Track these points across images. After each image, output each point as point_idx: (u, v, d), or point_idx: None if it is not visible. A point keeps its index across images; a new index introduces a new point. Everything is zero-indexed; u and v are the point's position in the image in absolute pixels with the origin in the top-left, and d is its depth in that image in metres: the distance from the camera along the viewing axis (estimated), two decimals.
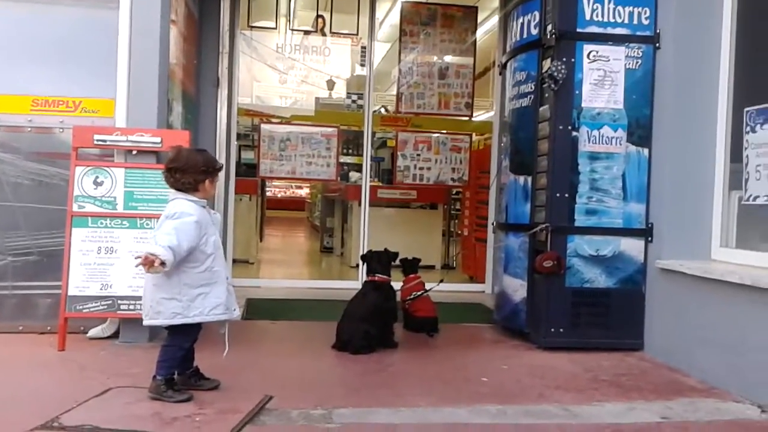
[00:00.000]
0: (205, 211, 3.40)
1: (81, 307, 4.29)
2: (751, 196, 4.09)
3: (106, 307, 4.32)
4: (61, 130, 4.64)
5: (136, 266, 3.25)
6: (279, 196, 22.56)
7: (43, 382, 3.61)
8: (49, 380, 3.66)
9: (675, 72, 4.57)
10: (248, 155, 9.56)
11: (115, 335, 4.50)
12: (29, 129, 4.65)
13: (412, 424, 3.14)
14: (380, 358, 4.36)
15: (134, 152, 4.49)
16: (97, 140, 4.43)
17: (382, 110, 9.97)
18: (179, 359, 3.40)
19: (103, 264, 4.33)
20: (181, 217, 3.30)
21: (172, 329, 3.39)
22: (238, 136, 7.93)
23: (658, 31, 4.70)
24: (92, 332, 4.53)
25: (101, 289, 4.31)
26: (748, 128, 4.13)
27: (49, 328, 4.48)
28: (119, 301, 4.31)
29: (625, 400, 3.62)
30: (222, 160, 6.65)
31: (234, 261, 7.30)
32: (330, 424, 3.08)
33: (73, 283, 4.29)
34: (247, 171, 9.00)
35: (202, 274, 3.33)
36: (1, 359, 4.03)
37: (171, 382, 3.33)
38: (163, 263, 3.12)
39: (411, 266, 5.42)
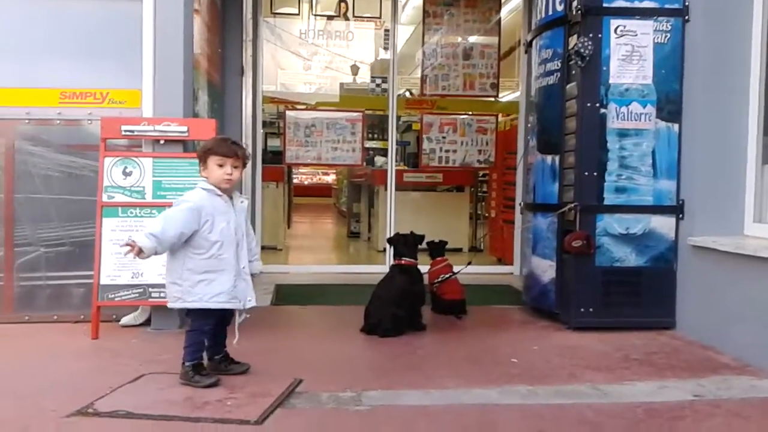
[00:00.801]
0: (217, 198, 3.37)
1: (113, 295, 4.36)
2: None
3: (137, 295, 4.38)
4: (89, 121, 4.70)
5: (125, 254, 3.29)
6: (306, 183, 22.70)
7: (77, 370, 3.68)
8: (84, 368, 3.73)
9: (705, 45, 4.46)
10: (274, 142, 9.63)
11: (147, 323, 4.57)
12: (58, 122, 4.71)
13: (442, 405, 3.14)
14: (409, 340, 4.37)
15: (162, 142, 4.53)
16: (125, 131, 4.48)
17: (407, 93, 9.93)
18: (202, 344, 3.41)
19: None
20: (179, 204, 3.35)
21: (190, 313, 3.44)
22: (264, 124, 7.96)
23: (686, 3, 4.59)
24: (124, 320, 4.60)
25: (132, 277, 4.37)
26: None
27: (82, 317, 4.57)
28: (150, 289, 4.37)
29: (657, 379, 3.57)
30: (249, 148, 6.69)
31: (262, 247, 7.33)
32: (360, 406, 3.09)
33: (105, 273, 4.36)
34: (274, 158, 9.06)
35: (207, 261, 3.33)
36: (36, 348, 4.11)
37: (198, 367, 3.36)
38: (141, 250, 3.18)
39: (438, 249, 5.39)
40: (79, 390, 3.22)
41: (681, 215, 4.62)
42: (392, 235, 5.10)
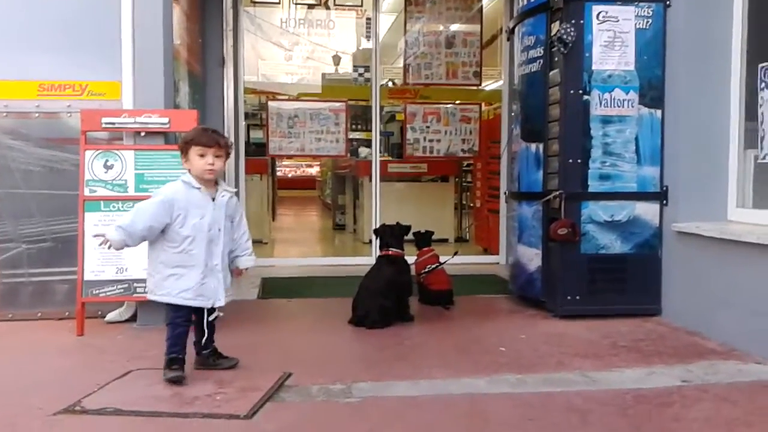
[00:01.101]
0: (194, 191, 3.31)
1: (97, 291, 4.31)
2: (767, 154, 4.02)
3: (122, 290, 4.34)
4: (68, 114, 4.63)
5: (98, 245, 3.31)
6: (290, 175, 22.60)
7: (63, 367, 3.63)
8: (70, 365, 3.68)
9: (686, 30, 4.48)
10: (257, 134, 9.54)
11: (133, 318, 4.53)
12: (37, 114, 4.63)
13: (432, 395, 3.14)
14: (397, 331, 4.36)
15: (143, 134, 4.47)
16: (106, 123, 4.41)
17: (390, 83, 9.89)
18: (178, 337, 3.32)
19: None
20: (154, 196, 3.33)
21: (165, 306, 3.39)
22: (246, 115, 7.88)
23: None
24: (110, 316, 4.55)
25: (117, 272, 4.33)
26: (763, 85, 4.05)
27: (67, 313, 4.51)
28: (135, 285, 4.32)
29: (645, 365, 3.60)
30: (231, 140, 6.63)
31: None
32: (350, 398, 3.08)
33: (89, 268, 4.31)
34: (257, 150, 8.99)
35: (178, 255, 3.29)
36: (21, 345, 4.06)
37: (171, 361, 3.28)
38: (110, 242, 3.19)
39: (424, 239, 5.39)
40: (65, 387, 3.19)
41: (665, 201, 4.65)
42: (378, 225, 5.08)
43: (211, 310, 3.46)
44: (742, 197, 4.35)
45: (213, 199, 3.37)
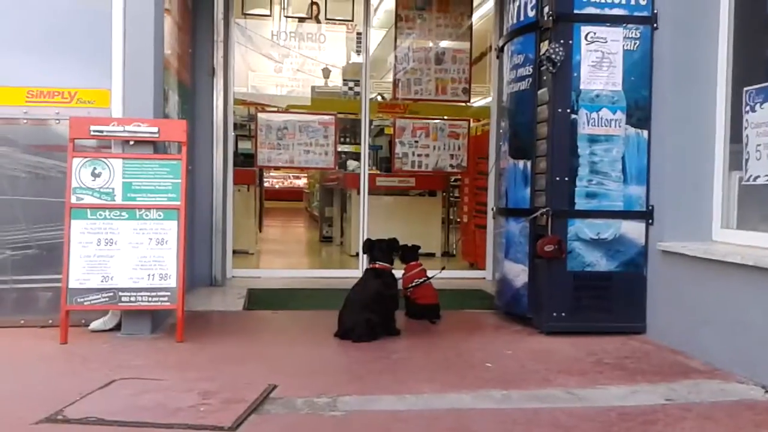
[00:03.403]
0: None
1: (82, 299, 4.27)
2: (751, 176, 4.07)
3: (107, 299, 4.30)
4: (57, 121, 4.61)
5: None
6: (277, 186, 22.56)
7: (46, 376, 3.59)
8: (53, 373, 3.65)
9: (673, 53, 4.54)
10: (245, 145, 9.54)
11: (117, 327, 4.48)
12: (25, 121, 4.61)
13: (417, 410, 3.13)
14: (383, 345, 4.36)
15: (131, 143, 4.46)
16: (94, 131, 4.39)
17: (379, 97, 9.93)
18: None
19: (103, 256, 4.30)
20: None
21: None
22: (235, 126, 7.88)
23: (655, 11, 4.67)
24: (94, 325, 4.51)
25: (102, 281, 4.29)
26: (748, 108, 4.10)
27: (50, 321, 4.46)
28: (120, 293, 4.29)
29: (629, 383, 3.61)
30: (220, 150, 6.64)
31: (234, 252, 7.27)
32: (335, 411, 3.07)
33: (74, 276, 4.27)
34: (245, 161, 8.98)
35: None
36: (3, 353, 4.01)
37: None
38: None
39: (411, 253, 5.39)
40: (48, 396, 3.15)
41: (650, 221, 4.69)
42: (367, 239, 5.08)
43: None
44: (726, 218, 4.40)
45: None
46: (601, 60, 4.68)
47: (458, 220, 9.66)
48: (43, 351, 4.04)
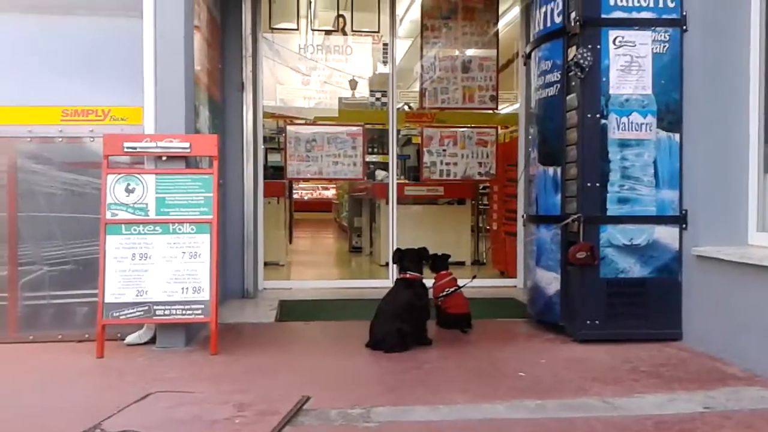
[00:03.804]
0: None
1: (117, 314, 4.34)
2: None
3: (142, 313, 4.36)
4: (91, 139, 4.70)
5: None
6: (306, 198, 22.68)
7: (83, 389, 3.65)
8: (90, 387, 3.71)
9: (703, 55, 4.49)
10: (274, 158, 9.63)
11: (152, 341, 4.54)
12: (60, 139, 4.71)
13: (451, 421, 3.12)
14: (415, 355, 4.35)
15: (164, 158, 4.53)
16: (127, 147, 4.47)
17: (406, 107, 9.95)
18: None
19: (138, 270, 4.37)
20: None
21: None
22: (264, 140, 7.96)
23: (684, 13, 4.61)
24: (129, 339, 4.58)
25: (137, 295, 4.35)
26: None
27: (87, 336, 4.54)
28: (155, 307, 4.34)
29: (666, 391, 3.55)
30: (250, 164, 6.71)
31: (265, 264, 7.33)
32: (369, 423, 3.07)
33: (109, 291, 4.34)
34: (274, 174, 9.05)
35: None
36: (41, 368, 4.09)
37: None
38: None
39: (441, 262, 5.38)
40: (86, 410, 3.20)
41: (684, 225, 4.62)
42: (396, 249, 5.07)
43: None
44: (762, 221, 4.32)
45: None
46: (630, 64, 4.64)
47: (488, 227, 9.61)
48: (80, 365, 4.11)
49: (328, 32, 8.32)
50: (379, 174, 9.63)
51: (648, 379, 3.78)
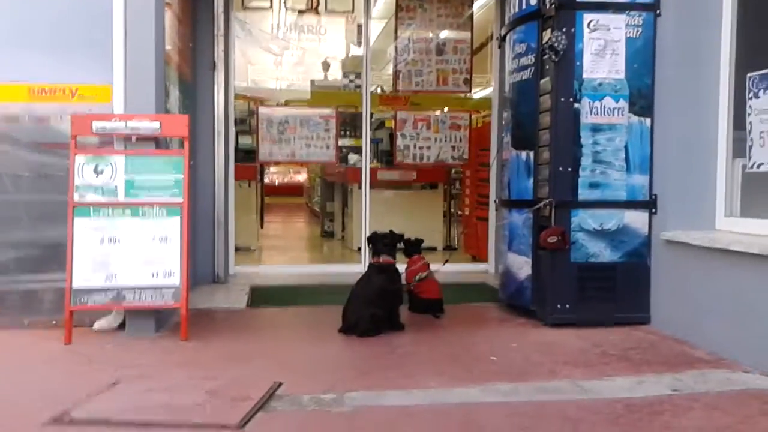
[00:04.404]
0: None
1: (86, 299, 4.25)
2: (755, 163, 4.06)
3: (111, 298, 4.28)
4: (59, 118, 4.57)
5: None
6: (277, 182, 22.54)
7: (51, 376, 3.59)
8: (58, 374, 3.64)
9: (676, 39, 4.52)
10: (245, 140, 9.50)
11: (122, 327, 4.47)
12: (27, 118, 4.57)
13: (425, 405, 3.13)
14: (388, 340, 4.35)
15: (134, 139, 4.43)
16: (96, 127, 4.36)
17: (379, 90, 9.88)
18: None
19: (107, 254, 4.28)
20: None
21: None
22: (235, 122, 7.85)
23: None
24: (98, 324, 4.50)
25: (106, 280, 4.27)
26: (751, 94, 4.08)
27: (54, 322, 4.44)
28: (124, 292, 4.27)
29: (635, 374, 3.61)
30: (221, 146, 6.61)
31: (236, 248, 7.26)
32: (342, 407, 3.07)
33: (77, 275, 4.25)
34: (245, 157, 8.93)
35: None
36: (8, 354, 4.01)
37: None
38: None
39: (414, 247, 5.37)
40: (54, 397, 3.15)
41: (654, 210, 4.68)
42: (371, 233, 5.06)
43: None
44: (730, 206, 4.37)
45: None
46: (603, 48, 4.65)
47: (460, 212, 9.63)
48: (47, 352, 4.03)
49: (301, 11, 8.20)
50: (352, 158, 9.57)
51: (618, 363, 3.83)
